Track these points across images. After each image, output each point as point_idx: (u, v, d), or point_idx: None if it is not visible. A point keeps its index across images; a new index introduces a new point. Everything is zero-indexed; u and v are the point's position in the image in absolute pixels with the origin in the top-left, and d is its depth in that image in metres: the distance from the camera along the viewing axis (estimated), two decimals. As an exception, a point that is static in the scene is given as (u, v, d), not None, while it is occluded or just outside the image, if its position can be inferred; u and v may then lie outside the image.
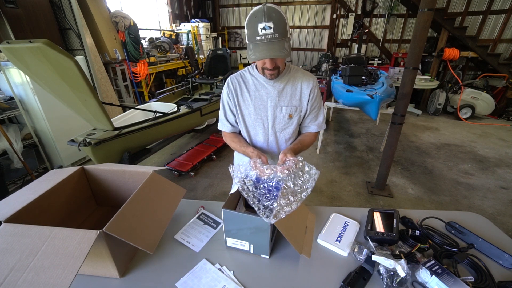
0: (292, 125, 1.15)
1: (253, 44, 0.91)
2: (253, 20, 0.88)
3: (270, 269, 0.87)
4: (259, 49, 0.89)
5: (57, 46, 1.53)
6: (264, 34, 0.86)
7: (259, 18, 0.86)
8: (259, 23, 0.86)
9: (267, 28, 0.86)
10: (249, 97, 1.12)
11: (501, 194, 2.79)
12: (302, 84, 1.10)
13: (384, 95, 2.98)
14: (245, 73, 1.14)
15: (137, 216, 0.83)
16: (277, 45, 0.88)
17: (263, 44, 0.88)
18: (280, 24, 0.87)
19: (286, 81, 1.09)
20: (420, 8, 2.07)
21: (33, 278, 0.59)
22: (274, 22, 0.85)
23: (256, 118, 1.14)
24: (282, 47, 0.89)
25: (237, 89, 1.13)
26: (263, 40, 0.88)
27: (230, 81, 1.14)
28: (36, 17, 3.09)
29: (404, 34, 6.65)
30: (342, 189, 2.85)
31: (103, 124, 2.21)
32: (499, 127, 4.82)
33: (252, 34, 0.89)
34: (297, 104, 1.12)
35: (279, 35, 0.87)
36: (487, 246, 0.91)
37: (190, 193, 2.75)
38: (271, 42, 0.88)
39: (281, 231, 0.78)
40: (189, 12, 7.76)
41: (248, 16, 0.90)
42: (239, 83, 1.13)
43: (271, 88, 1.09)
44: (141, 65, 4.72)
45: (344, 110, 5.72)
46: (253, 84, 1.11)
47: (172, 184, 1.08)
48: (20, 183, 2.75)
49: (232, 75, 1.16)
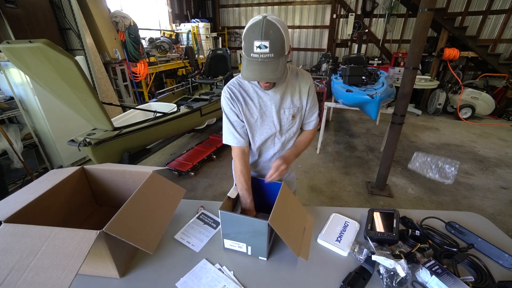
0: (296, 124, 1.16)
1: (247, 59, 0.87)
2: (249, 35, 0.83)
3: (269, 270, 0.87)
4: (252, 68, 0.86)
5: (57, 46, 1.53)
6: (259, 53, 0.82)
7: (256, 34, 0.81)
8: (255, 41, 0.81)
9: (263, 48, 0.81)
10: (254, 106, 1.07)
11: (501, 194, 2.79)
12: (300, 83, 1.10)
13: (384, 95, 2.97)
14: (242, 80, 1.09)
15: (137, 216, 0.83)
16: (270, 66, 0.84)
17: (257, 63, 0.84)
18: (278, 43, 0.82)
19: (285, 84, 1.08)
20: (420, 8, 2.07)
21: (33, 278, 0.60)
22: (270, 41, 0.81)
23: (263, 125, 1.11)
24: (275, 69, 0.85)
25: (240, 98, 1.07)
26: (257, 59, 0.83)
27: (229, 91, 1.06)
28: (36, 17, 3.09)
29: (404, 34, 6.65)
30: (342, 189, 2.85)
31: (103, 124, 2.21)
32: (499, 127, 4.81)
33: (247, 49, 0.85)
34: (298, 104, 1.11)
35: (274, 54, 0.83)
36: (487, 246, 0.92)
37: (190, 193, 2.75)
38: (265, 62, 0.84)
39: (279, 233, 0.78)
40: (189, 12, 7.76)
41: (247, 27, 0.85)
42: (239, 92, 1.07)
43: (272, 93, 1.07)
44: (141, 65, 4.72)
45: (344, 110, 5.71)
46: (254, 91, 1.07)
47: (172, 184, 1.08)
48: (20, 183, 2.75)
49: (228, 84, 1.08)
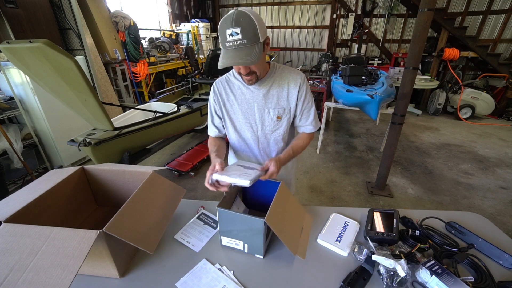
0: (282, 127, 1.13)
1: (223, 50, 0.90)
2: (222, 26, 0.86)
3: (266, 268, 0.87)
4: (227, 55, 0.88)
5: (57, 46, 1.53)
6: (232, 40, 0.85)
7: (228, 23, 0.84)
8: (227, 29, 0.84)
9: (234, 34, 0.84)
10: (235, 101, 1.11)
11: (501, 194, 2.79)
12: (289, 84, 1.08)
13: (384, 95, 2.97)
14: (230, 76, 1.13)
15: (137, 216, 0.83)
16: (244, 51, 0.86)
17: (231, 51, 0.87)
18: (249, 29, 0.84)
19: (271, 83, 1.07)
20: (420, 8, 2.07)
21: (33, 278, 0.60)
22: (242, 28, 0.83)
23: (245, 122, 1.13)
24: (249, 54, 0.87)
25: (223, 94, 1.12)
26: (231, 47, 0.86)
27: (215, 85, 1.13)
28: (36, 17, 3.09)
29: (404, 34, 6.65)
30: (342, 189, 2.85)
31: (103, 124, 2.21)
32: (499, 127, 4.81)
33: (222, 40, 0.88)
34: (284, 105, 1.10)
35: (247, 40, 0.85)
36: (487, 246, 0.91)
37: (190, 193, 2.75)
38: (238, 49, 0.86)
39: (275, 231, 0.78)
40: (189, 12, 7.76)
41: (220, 22, 0.89)
42: (224, 87, 1.12)
43: (256, 91, 1.07)
44: (141, 65, 4.72)
45: (344, 110, 5.72)
46: (239, 88, 1.10)
47: (172, 184, 1.08)
48: (20, 183, 2.75)
49: (217, 79, 1.14)
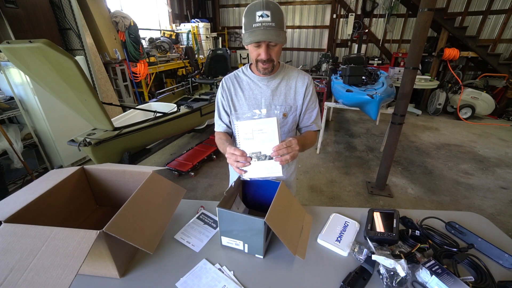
0: (287, 124, 1.15)
1: (249, 31, 0.91)
2: (251, 9, 0.90)
3: (266, 268, 0.87)
4: (255, 33, 0.90)
5: (57, 46, 1.53)
6: (262, 21, 0.87)
7: (258, 7, 0.88)
8: (257, 11, 0.87)
9: (265, 16, 0.87)
10: (243, 96, 1.12)
11: (501, 194, 2.79)
12: (296, 83, 1.10)
13: (384, 95, 2.97)
14: (239, 73, 1.15)
15: (137, 216, 0.83)
16: (273, 31, 0.89)
17: (259, 30, 0.89)
18: (278, 15, 0.88)
19: (280, 79, 1.09)
20: (420, 8, 2.07)
21: (33, 278, 0.59)
22: (272, 12, 0.87)
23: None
24: (278, 34, 0.90)
25: (231, 88, 1.13)
26: (260, 27, 0.88)
27: (224, 81, 1.15)
28: (36, 17, 3.09)
29: (404, 34, 6.65)
30: (342, 189, 2.85)
31: (103, 124, 2.21)
32: (499, 127, 4.81)
33: (249, 22, 0.90)
34: (291, 103, 1.11)
35: (276, 24, 0.88)
36: (487, 246, 0.91)
37: (190, 193, 2.75)
38: (267, 29, 0.88)
39: (275, 231, 0.78)
40: (189, 12, 7.76)
41: (247, 7, 0.92)
42: (233, 83, 1.14)
43: (264, 87, 1.09)
44: (141, 65, 4.72)
45: (344, 110, 5.72)
46: (247, 83, 1.12)
47: (172, 184, 1.07)
48: (20, 183, 2.75)
49: (226, 76, 1.17)
